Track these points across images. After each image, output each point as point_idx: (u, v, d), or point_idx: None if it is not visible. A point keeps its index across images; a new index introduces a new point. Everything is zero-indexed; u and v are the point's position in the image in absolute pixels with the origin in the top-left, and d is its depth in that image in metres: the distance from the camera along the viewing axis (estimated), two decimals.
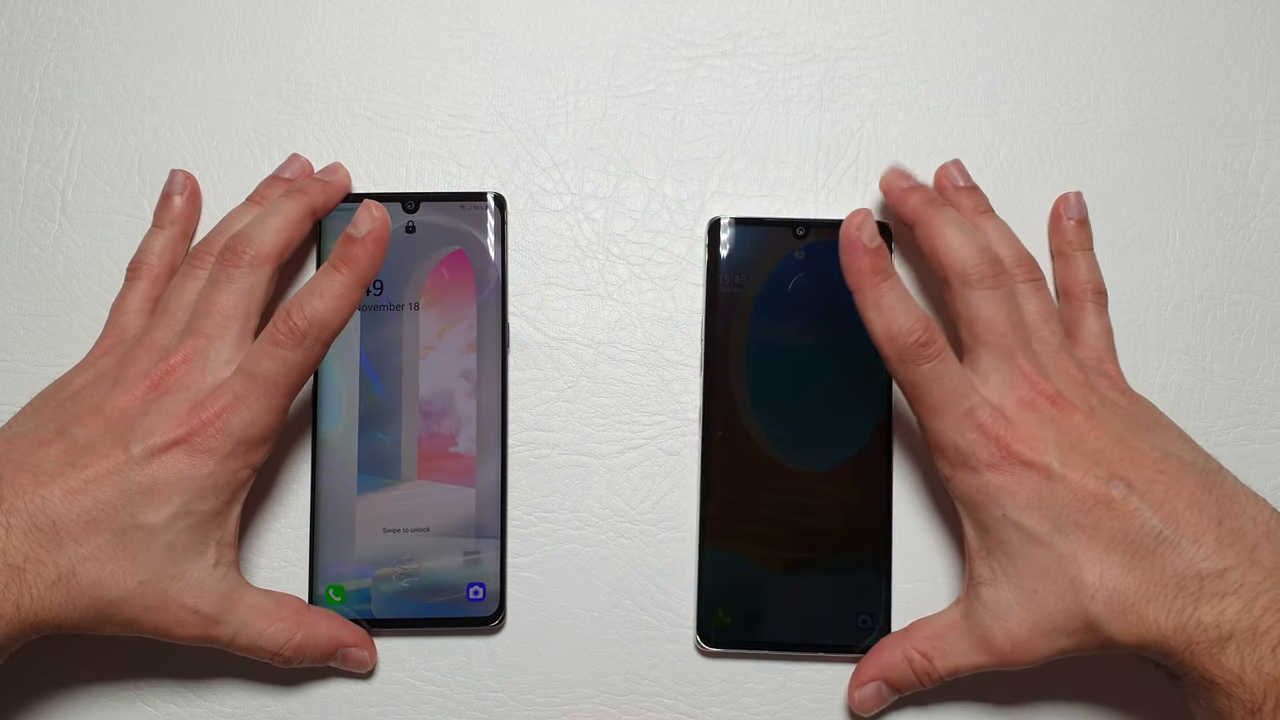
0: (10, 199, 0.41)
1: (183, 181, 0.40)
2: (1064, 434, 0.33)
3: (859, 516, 0.39)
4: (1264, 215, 0.42)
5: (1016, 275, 0.37)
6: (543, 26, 0.43)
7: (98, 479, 0.32)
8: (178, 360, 0.34)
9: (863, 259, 0.34)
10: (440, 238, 0.40)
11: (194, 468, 0.33)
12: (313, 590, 0.38)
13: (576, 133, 0.42)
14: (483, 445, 0.39)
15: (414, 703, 0.39)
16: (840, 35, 0.42)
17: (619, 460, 0.40)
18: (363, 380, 0.39)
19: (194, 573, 0.33)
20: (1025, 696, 0.39)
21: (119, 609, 0.32)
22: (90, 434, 0.33)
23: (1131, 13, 0.43)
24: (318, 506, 0.39)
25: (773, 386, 0.40)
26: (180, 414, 0.33)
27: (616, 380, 0.41)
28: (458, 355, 0.39)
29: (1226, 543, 0.31)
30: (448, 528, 0.39)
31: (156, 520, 0.32)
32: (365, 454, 0.39)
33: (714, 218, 0.41)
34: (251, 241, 0.36)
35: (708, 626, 0.39)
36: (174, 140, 0.42)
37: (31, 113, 0.42)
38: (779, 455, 0.39)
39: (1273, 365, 0.41)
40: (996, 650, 0.34)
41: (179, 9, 0.42)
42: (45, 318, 0.41)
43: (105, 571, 0.32)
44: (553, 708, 0.39)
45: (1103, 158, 0.42)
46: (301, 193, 0.38)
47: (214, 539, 0.34)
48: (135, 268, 0.39)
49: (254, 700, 0.38)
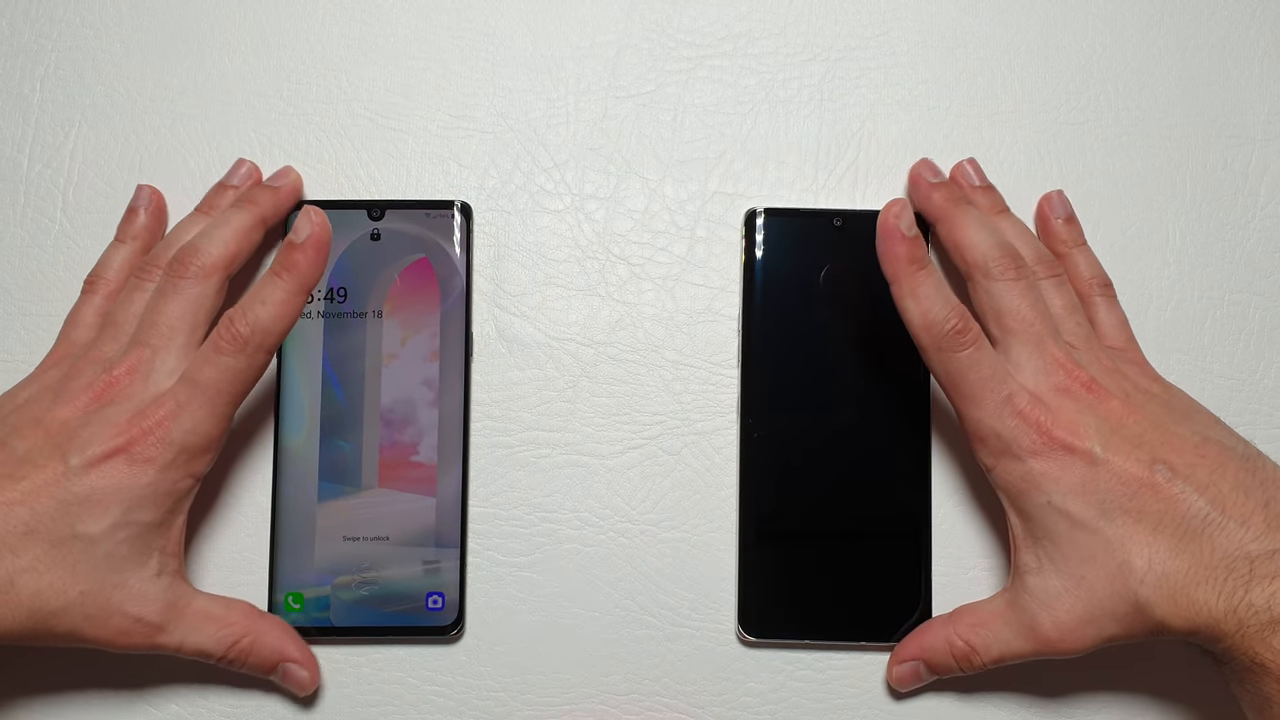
0: (11, 199, 0.41)
1: (148, 197, 0.40)
2: (1103, 419, 0.33)
3: (898, 508, 0.39)
4: (1264, 215, 0.42)
5: (1038, 272, 0.37)
6: (543, 27, 0.43)
7: (35, 490, 0.32)
8: (121, 371, 0.34)
9: (900, 247, 0.34)
10: (405, 245, 0.40)
11: (133, 477, 0.32)
12: (272, 597, 0.38)
13: (577, 133, 0.42)
14: (444, 454, 0.39)
15: (415, 703, 0.39)
16: (840, 35, 0.42)
17: (619, 460, 0.40)
18: (325, 387, 0.39)
19: (136, 582, 0.33)
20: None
21: (59, 620, 0.32)
22: (29, 445, 0.33)
23: (1131, 13, 0.43)
24: (278, 513, 0.39)
25: (810, 379, 0.40)
26: (120, 423, 0.33)
27: (616, 380, 0.41)
28: (420, 363, 0.39)
29: (1275, 524, 0.31)
30: (408, 536, 0.39)
31: (95, 530, 0.32)
32: (326, 462, 0.39)
33: (750, 209, 0.41)
34: (199, 252, 0.35)
35: (750, 617, 0.39)
36: (174, 140, 0.42)
37: (32, 113, 0.42)
38: (813, 447, 0.39)
39: (1273, 365, 0.41)
40: (1044, 638, 0.34)
41: (180, 9, 0.42)
42: (45, 318, 0.41)
43: (44, 582, 0.32)
44: (553, 707, 0.39)
45: (1103, 158, 0.42)
46: (251, 202, 0.38)
47: (156, 548, 0.34)
48: (92, 281, 0.39)
49: (254, 701, 0.39)
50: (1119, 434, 0.33)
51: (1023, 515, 0.34)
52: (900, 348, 0.37)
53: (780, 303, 0.40)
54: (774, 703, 0.39)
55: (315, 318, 0.39)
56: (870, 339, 0.40)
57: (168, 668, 0.38)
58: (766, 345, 0.40)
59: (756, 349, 0.40)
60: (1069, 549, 0.33)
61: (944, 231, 0.38)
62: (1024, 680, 0.38)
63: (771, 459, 0.39)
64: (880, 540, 0.39)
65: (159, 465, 0.33)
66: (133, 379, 0.34)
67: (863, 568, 0.39)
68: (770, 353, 0.40)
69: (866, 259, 0.36)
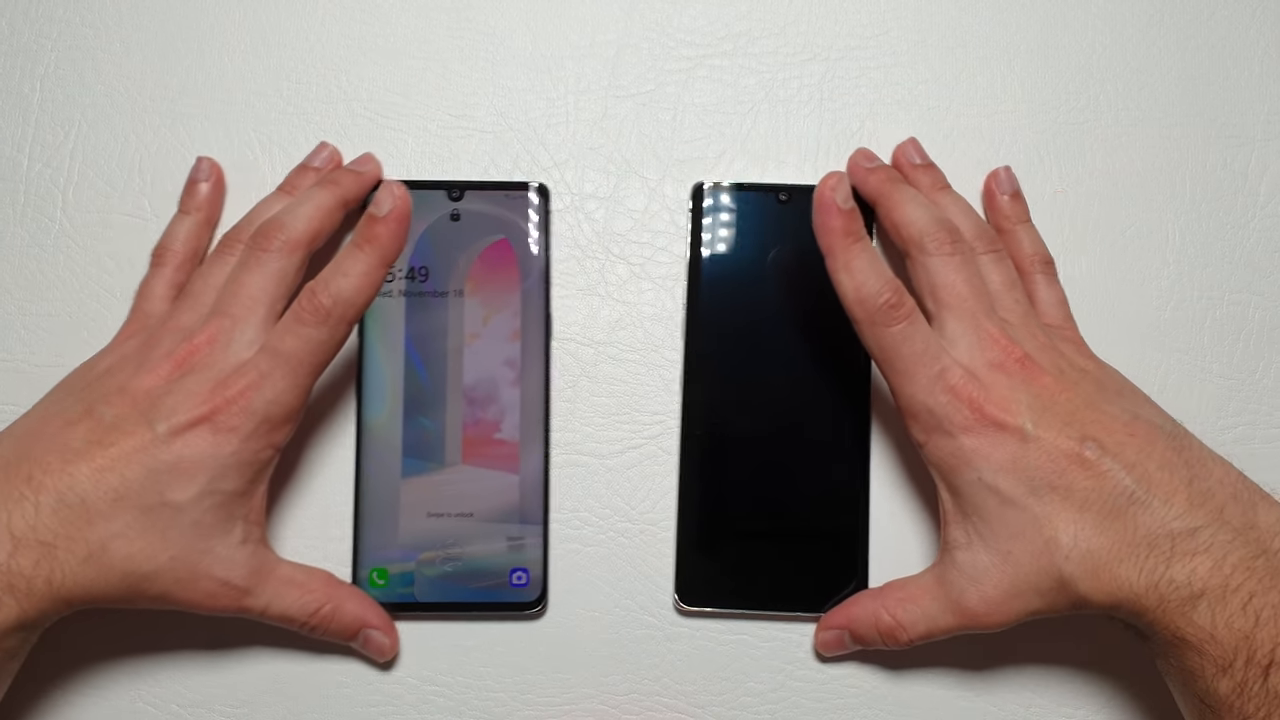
0: (11, 199, 0.41)
1: (208, 169, 0.40)
2: (1035, 396, 0.34)
3: (838, 486, 0.39)
4: (1264, 215, 0.42)
5: (977, 247, 0.37)
6: (543, 26, 0.43)
7: (124, 457, 0.32)
8: (202, 340, 0.34)
9: (835, 219, 0.34)
10: (485, 226, 0.40)
11: (217, 446, 0.33)
12: (356, 573, 0.39)
13: (577, 132, 0.42)
14: (526, 432, 0.39)
15: (415, 702, 0.39)
16: (840, 35, 0.42)
17: (619, 460, 0.40)
18: (407, 366, 0.39)
19: (222, 548, 0.34)
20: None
21: (151, 583, 0.33)
22: (116, 413, 0.33)
23: (1131, 13, 0.43)
24: (362, 490, 0.39)
25: (750, 351, 0.40)
26: (203, 392, 0.33)
27: (616, 380, 0.41)
28: (502, 343, 0.40)
29: (1197, 503, 0.32)
30: (491, 513, 0.39)
31: (182, 498, 0.33)
32: (410, 439, 0.39)
33: (698, 183, 0.41)
34: (284, 227, 0.36)
35: (687, 588, 0.39)
36: (174, 140, 0.42)
37: (32, 112, 0.42)
38: (756, 425, 0.39)
39: (1272, 365, 0.41)
40: (970, 612, 0.34)
41: (180, 8, 0.42)
42: (45, 318, 0.41)
43: (135, 548, 0.32)
44: (553, 707, 0.39)
45: (1103, 158, 0.42)
46: (334, 183, 0.38)
47: (240, 516, 0.34)
48: (160, 254, 0.39)
49: (254, 700, 0.39)
50: (1050, 411, 0.33)
51: (953, 491, 0.34)
52: (841, 322, 0.37)
53: (726, 276, 0.40)
54: (773, 703, 0.39)
55: (397, 297, 0.40)
56: (812, 313, 0.40)
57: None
58: (710, 315, 0.40)
59: (702, 318, 0.40)
60: (997, 525, 0.33)
61: (882, 212, 0.38)
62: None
63: (711, 429, 0.39)
64: (819, 516, 0.39)
65: (241, 435, 0.33)
66: (213, 348, 0.34)
67: (800, 542, 0.39)
68: (714, 323, 0.40)
69: (810, 234, 0.36)
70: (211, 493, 0.33)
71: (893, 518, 0.40)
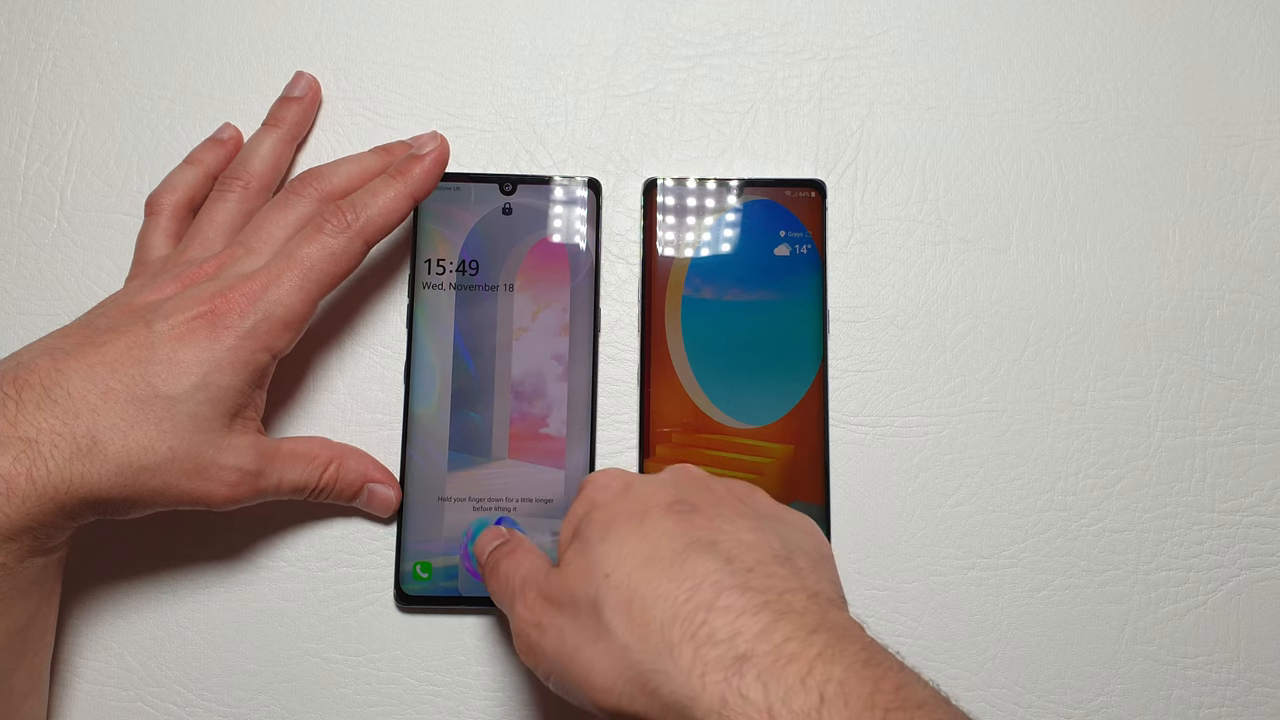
0: (10, 198, 0.41)
1: (232, 133, 0.41)
2: None
3: (797, 469, 0.39)
4: (1264, 215, 0.42)
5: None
6: (542, 25, 0.42)
7: (117, 355, 0.32)
8: (210, 265, 0.35)
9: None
10: (536, 221, 0.40)
11: (215, 340, 0.33)
12: (400, 566, 0.39)
13: (576, 131, 0.42)
14: (573, 428, 0.39)
15: (414, 701, 0.39)
16: (840, 35, 0.42)
17: (619, 460, 0.40)
18: (456, 359, 0.39)
19: (222, 438, 0.34)
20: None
21: (152, 476, 0.32)
22: (113, 320, 0.33)
23: (1131, 13, 0.43)
24: (407, 482, 0.39)
25: (709, 343, 0.40)
26: (206, 296, 0.33)
27: (617, 380, 0.41)
28: (551, 338, 0.40)
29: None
30: (537, 507, 0.39)
31: (176, 391, 0.32)
32: (457, 432, 0.39)
33: (650, 178, 0.41)
34: (322, 178, 0.37)
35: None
36: (173, 140, 0.42)
37: (30, 112, 0.42)
38: (716, 411, 0.39)
39: (1272, 365, 0.41)
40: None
41: (178, 8, 0.42)
42: (45, 317, 0.40)
43: (130, 440, 0.32)
44: (553, 707, 0.39)
45: (1103, 158, 0.42)
46: (401, 174, 0.37)
47: (236, 411, 0.34)
48: (153, 203, 0.39)
49: (255, 699, 0.39)
50: None
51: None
52: (799, 311, 0.36)
53: (679, 268, 0.40)
54: None
55: (447, 289, 0.40)
56: (768, 303, 0.40)
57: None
58: (666, 309, 0.40)
59: (655, 314, 0.40)
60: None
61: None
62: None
63: (669, 420, 0.39)
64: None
65: (239, 332, 0.33)
66: (221, 269, 0.35)
67: None
68: (670, 316, 0.40)
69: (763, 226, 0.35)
70: (206, 386, 0.33)
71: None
